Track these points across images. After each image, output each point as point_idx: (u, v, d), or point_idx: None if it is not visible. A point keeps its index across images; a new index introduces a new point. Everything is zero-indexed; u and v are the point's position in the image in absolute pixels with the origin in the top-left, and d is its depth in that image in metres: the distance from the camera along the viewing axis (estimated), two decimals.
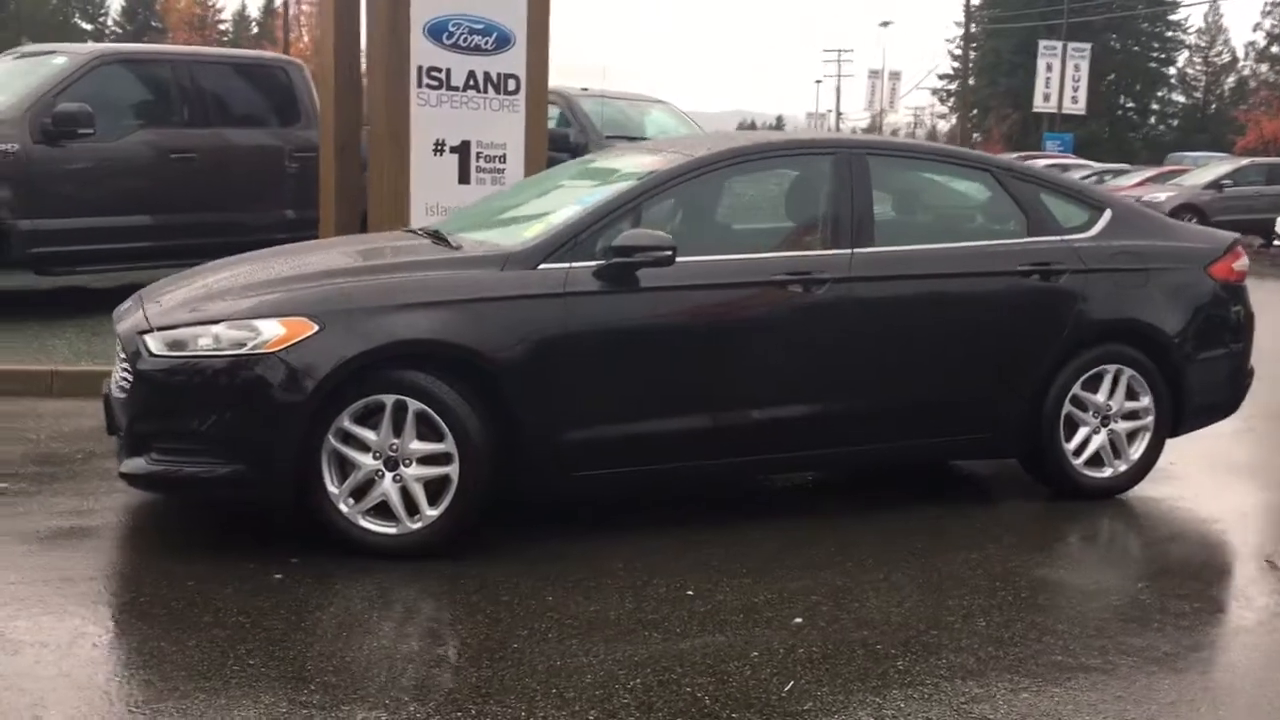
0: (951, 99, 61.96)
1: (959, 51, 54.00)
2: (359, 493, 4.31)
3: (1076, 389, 5.30)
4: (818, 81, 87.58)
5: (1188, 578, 4.46)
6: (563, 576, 4.22)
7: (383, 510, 4.33)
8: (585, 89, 12.52)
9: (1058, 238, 5.32)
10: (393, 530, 4.32)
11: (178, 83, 9.24)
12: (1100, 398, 5.34)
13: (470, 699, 3.27)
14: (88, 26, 73.90)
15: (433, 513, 4.32)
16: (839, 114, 71.39)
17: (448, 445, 4.29)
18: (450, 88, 8.29)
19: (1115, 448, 5.40)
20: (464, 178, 8.34)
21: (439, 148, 8.34)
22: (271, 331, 4.19)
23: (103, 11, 75.84)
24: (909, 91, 61.88)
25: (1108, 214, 5.49)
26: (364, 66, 8.85)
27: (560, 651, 3.61)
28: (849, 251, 4.91)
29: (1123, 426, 5.40)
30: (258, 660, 3.47)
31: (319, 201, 8.44)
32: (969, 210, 5.58)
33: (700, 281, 4.69)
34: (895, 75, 59.87)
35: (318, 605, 3.91)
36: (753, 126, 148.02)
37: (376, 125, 8.28)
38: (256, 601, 3.92)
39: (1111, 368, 5.34)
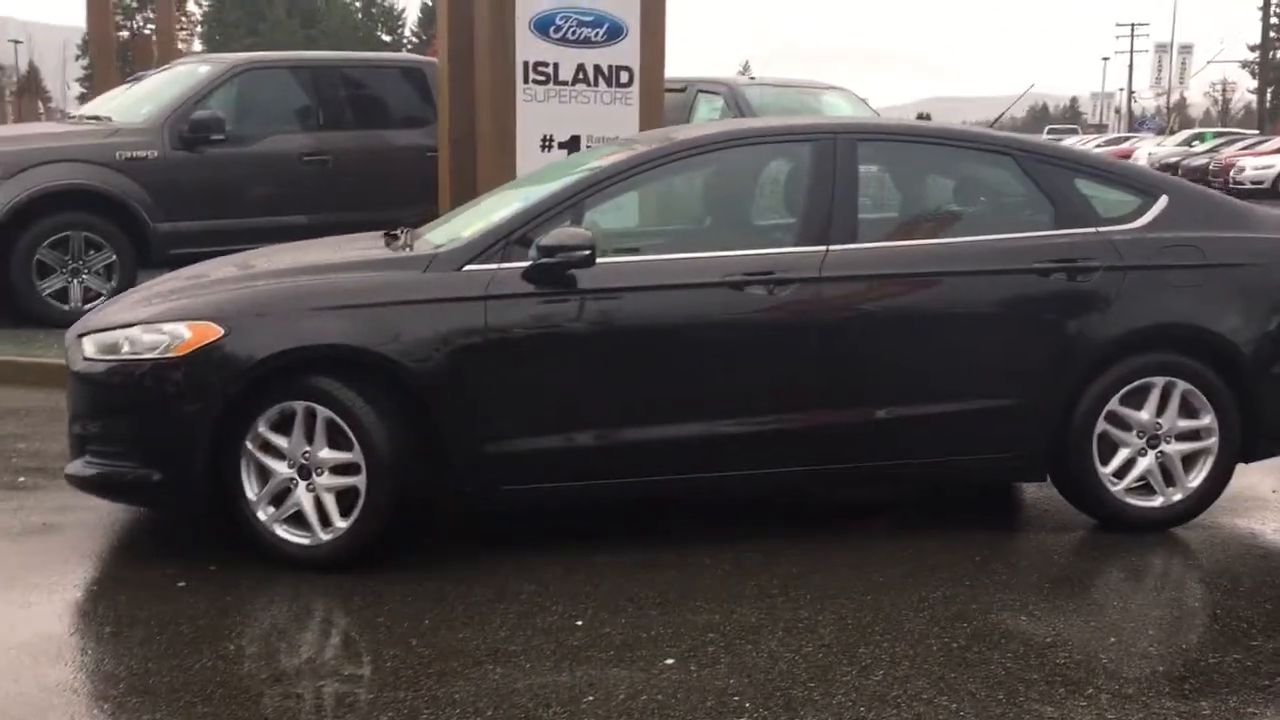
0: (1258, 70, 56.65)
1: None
2: (277, 501, 4.23)
3: (1114, 404, 4.58)
4: (1105, 59, 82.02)
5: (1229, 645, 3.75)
6: (463, 597, 3.98)
7: (299, 520, 4.22)
8: (753, 78, 12.12)
9: (1090, 230, 4.61)
10: (306, 540, 4.20)
11: (314, 88, 9.54)
12: (1145, 415, 4.60)
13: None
14: (387, 38, 78.84)
15: (343, 524, 4.17)
16: (1130, 92, 66.65)
17: (355, 455, 4.14)
18: (558, 82, 8.17)
19: (1168, 473, 4.65)
20: None
21: (547, 143, 8.23)
22: (179, 336, 4.15)
23: (400, 23, 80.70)
24: (1203, 67, 56.65)
25: (1162, 201, 4.72)
26: None
27: (388, 682, 3.39)
28: (823, 249, 4.41)
29: (1176, 448, 4.63)
30: (67, 670, 3.44)
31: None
32: (982, 200, 4.93)
33: (641, 283, 4.33)
34: (1186, 49, 55.28)
35: (192, 615, 3.83)
36: (1044, 109, 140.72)
37: (483, 122, 8.26)
38: (140, 608, 3.90)
39: (1160, 380, 4.58)
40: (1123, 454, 4.62)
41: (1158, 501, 4.65)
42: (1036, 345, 4.52)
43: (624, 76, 8.27)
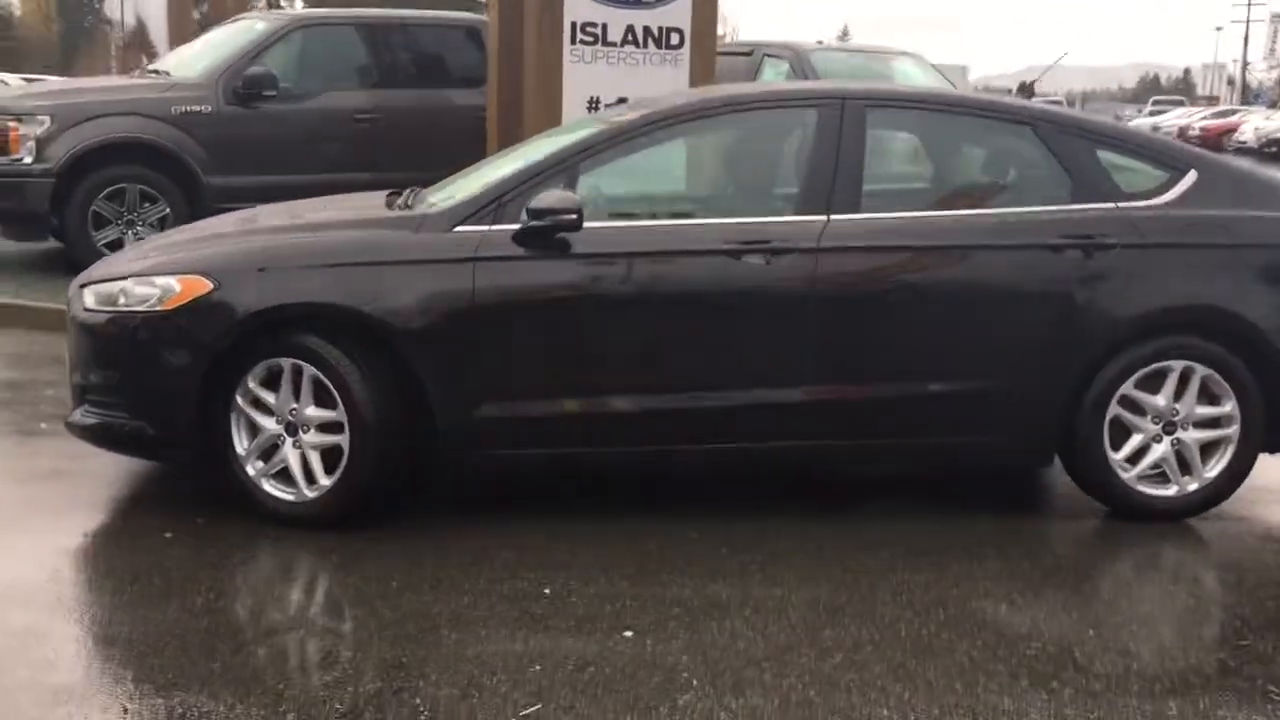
0: None
1: None
2: (266, 456, 4.24)
3: (1128, 388, 4.39)
4: (1218, 29, 78.79)
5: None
6: (439, 562, 3.95)
7: (286, 476, 4.23)
8: (820, 42, 11.87)
9: (1109, 205, 4.40)
10: (291, 497, 4.21)
11: (370, 45, 9.55)
12: (1161, 400, 4.40)
13: (178, 683, 3.11)
14: None
15: (326, 482, 4.17)
16: (1244, 64, 64.18)
17: (339, 414, 4.13)
18: (606, 43, 8.06)
19: (1184, 461, 4.45)
20: None
21: (593, 105, 8.13)
22: (170, 289, 4.17)
23: None
24: None
25: (1190, 176, 4.49)
26: None
27: (341, 643, 3.39)
28: (823, 218, 4.28)
29: (1194, 436, 4.42)
30: (33, 614, 3.49)
31: None
32: (996, 172, 4.73)
33: (633, 249, 4.24)
34: None
35: (168, 567, 3.87)
36: (1156, 81, 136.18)
37: (529, 82, 8.20)
38: (120, 558, 3.96)
39: (1178, 364, 4.38)
40: (1136, 440, 4.43)
41: (1171, 491, 4.46)
42: (1046, 324, 4.34)
43: (674, 38, 8.13)
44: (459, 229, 4.22)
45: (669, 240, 4.27)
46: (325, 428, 4.17)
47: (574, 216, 4.07)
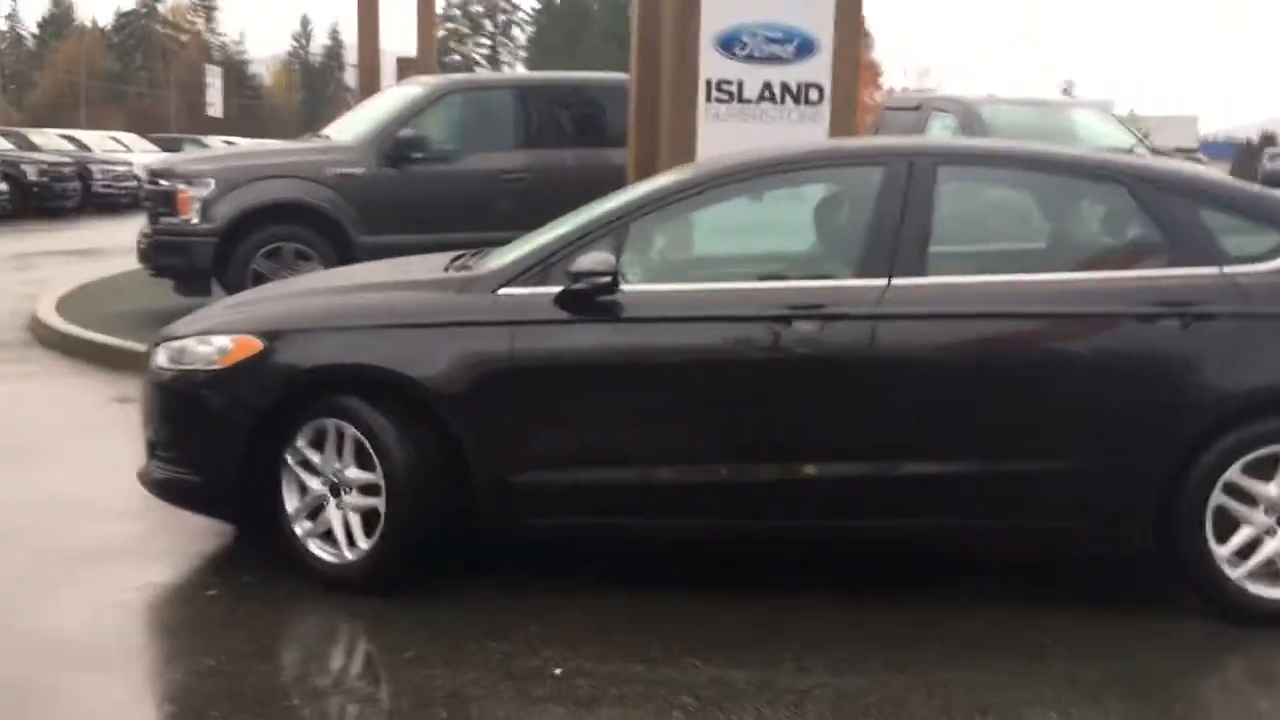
0: None
1: None
2: (313, 516, 4.24)
3: (1234, 474, 3.91)
4: None
5: None
6: (461, 633, 3.81)
7: (331, 537, 4.21)
8: (990, 95, 11.42)
9: (1212, 270, 3.96)
10: (333, 559, 4.18)
11: (521, 107, 9.70)
12: (1274, 489, 3.91)
13: None
14: None
15: (365, 545, 4.13)
16: None
17: (376, 476, 4.09)
18: (743, 100, 7.95)
19: None
20: None
21: None
22: (224, 349, 4.23)
23: None
24: None
25: None
26: None
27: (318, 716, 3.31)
28: (883, 282, 4.00)
29: None
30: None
31: None
32: (1082, 233, 4.33)
33: (676, 313, 4.06)
34: None
35: (195, 625, 3.89)
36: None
37: (664, 140, 8.14)
38: (162, 612, 4.01)
39: None
40: (1245, 532, 3.94)
41: None
42: (1134, 401, 3.92)
43: (813, 94, 7.95)
44: (503, 291, 4.14)
45: (714, 304, 4.07)
46: (366, 490, 4.13)
47: (609, 279, 3.93)
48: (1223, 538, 3.95)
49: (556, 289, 4.07)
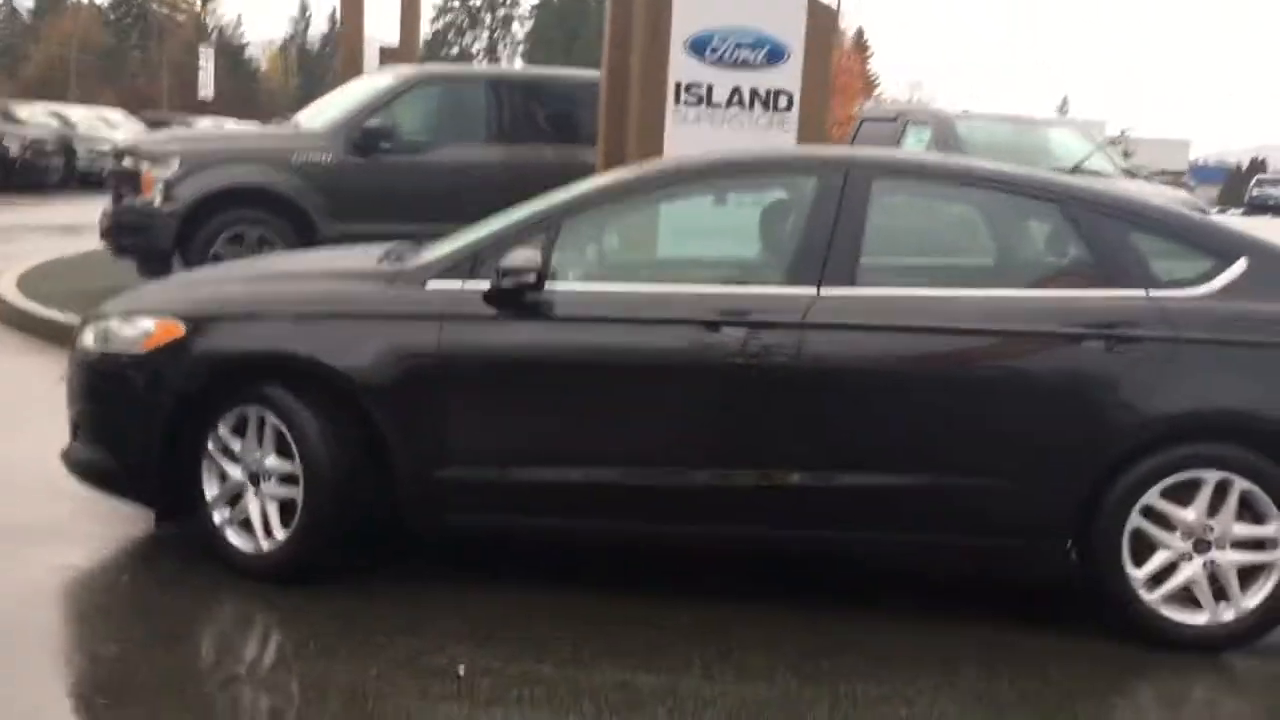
0: None
1: None
2: (233, 503, 4.20)
3: (1152, 497, 3.91)
4: None
5: None
6: (373, 627, 3.78)
7: (248, 526, 4.18)
8: (965, 110, 11.44)
9: (1138, 292, 3.96)
10: (248, 548, 4.15)
11: (492, 101, 9.66)
12: (1191, 514, 3.90)
13: None
14: None
15: (280, 536, 4.10)
16: None
17: (295, 466, 4.05)
18: (711, 104, 7.93)
19: (1218, 585, 3.93)
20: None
21: None
22: (146, 331, 4.19)
23: None
24: None
25: (1240, 265, 4.00)
26: None
27: (219, 708, 3.28)
28: (812, 291, 3.98)
29: (1231, 558, 3.91)
30: None
31: None
32: (1012, 251, 4.31)
33: (602, 314, 4.04)
34: None
35: (104, 611, 3.86)
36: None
37: (631, 141, 8.12)
38: (77, 597, 3.98)
39: (1213, 475, 3.88)
40: (1161, 556, 3.94)
41: (1202, 619, 3.93)
42: (1055, 420, 3.91)
43: (782, 101, 7.92)
44: (432, 285, 4.11)
45: (642, 307, 4.05)
46: (285, 479, 4.09)
47: (534, 277, 3.91)
48: (1140, 561, 3.95)
49: (486, 285, 4.05)
